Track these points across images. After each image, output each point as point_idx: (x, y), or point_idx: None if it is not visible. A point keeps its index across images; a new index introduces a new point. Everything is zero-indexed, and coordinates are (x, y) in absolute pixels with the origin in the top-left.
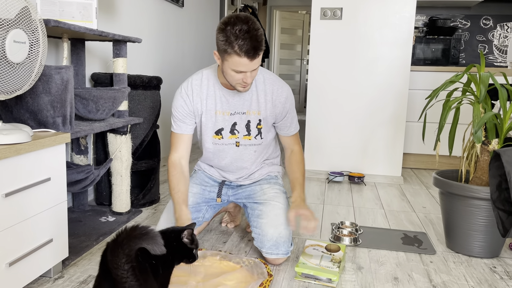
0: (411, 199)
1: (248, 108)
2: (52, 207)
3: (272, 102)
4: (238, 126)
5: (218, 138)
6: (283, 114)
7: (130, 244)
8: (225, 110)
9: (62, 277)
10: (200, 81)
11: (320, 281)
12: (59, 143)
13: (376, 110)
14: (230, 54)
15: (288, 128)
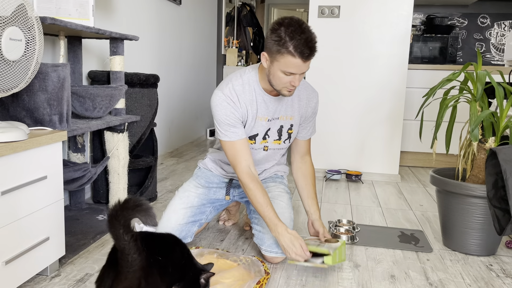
0: (408, 197)
1: (284, 113)
2: (48, 205)
3: (306, 108)
4: (271, 131)
5: (251, 143)
6: (309, 119)
7: (124, 214)
8: (263, 115)
9: (59, 276)
10: (242, 86)
11: (312, 263)
12: (56, 141)
13: (374, 108)
14: (283, 54)
15: (307, 131)
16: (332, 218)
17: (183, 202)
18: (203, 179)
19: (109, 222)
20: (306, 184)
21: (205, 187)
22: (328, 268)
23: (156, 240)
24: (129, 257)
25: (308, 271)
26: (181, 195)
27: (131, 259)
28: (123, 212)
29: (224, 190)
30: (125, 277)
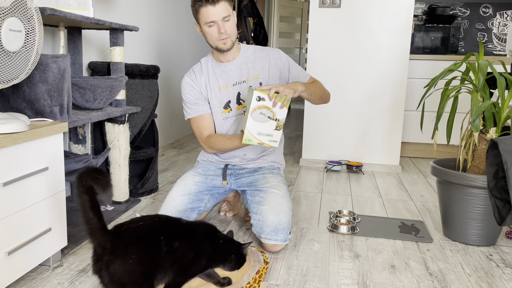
0: (409, 188)
1: (247, 75)
2: (50, 196)
3: (269, 63)
4: (242, 95)
5: (227, 112)
6: (285, 68)
7: (87, 179)
8: (227, 83)
9: (61, 266)
10: (199, 66)
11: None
12: (57, 132)
13: (375, 99)
14: (197, 11)
15: (298, 77)
16: (332, 209)
17: (180, 190)
18: (200, 168)
19: (77, 179)
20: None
21: (203, 175)
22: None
23: (190, 230)
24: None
25: (309, 261)
26: (179, 184)
27: (86, 218)
28: (88, 174)
29: (221, 177)
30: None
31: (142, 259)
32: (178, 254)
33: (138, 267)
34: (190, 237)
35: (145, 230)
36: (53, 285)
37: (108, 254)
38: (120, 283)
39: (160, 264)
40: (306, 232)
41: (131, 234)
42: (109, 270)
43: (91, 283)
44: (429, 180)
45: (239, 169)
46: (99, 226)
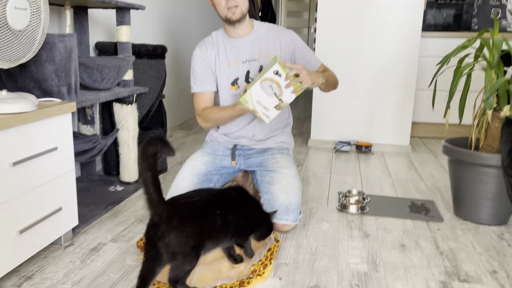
0: (419, 168)
1: (258, 53)
2: (60, 176)
3: (280, 44)
4: (252, 73)
5: (235, 89)
6: (298, 51)
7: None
8: (237, 59)
9: (72, 245)
10: (211, 39)
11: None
12: (65, 112)
13: (385, 78)
14: None
15: (311, 62)
16: (342, 189)
17: (189, 170)
18: (209, 149)
19: (140, 151)
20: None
21: (211, 155)
22: None
23: (230, 199)
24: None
25: (318, 240)
26: (187, 164)
27: (147, 192)
28: (149, 144)
29: (230, 157)
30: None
31: (194, 233)
32: (231, 225)
33: (189, 240)
34: (240, 209)
35: (200, 206)
36: (64, 264)
37: (165, 224)
38: (172, 252)
39: (214, 236)
40: (315, 212)
41: (187, 208)
42: (164, 240)
43: (102, 261)
44: (439, 160)
45: (248, 149)
46: (158, 198)
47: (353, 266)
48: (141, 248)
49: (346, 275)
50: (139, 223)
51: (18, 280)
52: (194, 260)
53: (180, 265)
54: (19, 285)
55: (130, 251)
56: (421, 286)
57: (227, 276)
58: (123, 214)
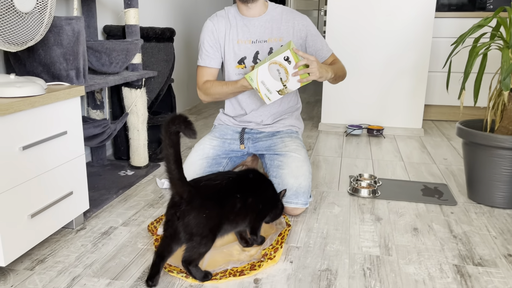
0: (432, 151)
1: (270, 35)
2: (70, 161)
3: (293, 28)
4: (261, 55)
5: (241, 68)
6: (310, 37)
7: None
8: (247, 38)
9: (84, 229)
10: (224, 13)
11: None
12: (74, 96)
13: (397, 60)
14: None
15: (322, 50)
16: (353, 173)
17: (198, 154)
18: (217, 133)
19: (163, 127)
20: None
21: (220, 139)
22: None
23: (249, 182)
24: (169, 166)
25: (329, 224)
26: (196, 148)
27: (169, 169)
28: (172, 122)
29: (238, 141)
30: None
31: (214, 215)
32: (251, 208)
33: (209, 221)
34: (258, 192)
35: (221, 188)
36: (76, 247)
37: (185, 204)
38: (190, 233)
39: (233, 219)
40: (326, 195)
41: (208, 190)
42: (184, 220)
43: (113, 245)
44: (453, 143)
45: (257, 133)
46: (179, 177)
47: (365, 249)
48: (152, 232)
49: (358, 259)
50: (150, 208)
51: (31, 263)
52: (210, 242)
53: (196, 246)
54: (32, 268)
55: (141, 235)
56: (434, 270)
57: (238, 259)
58: (133, 199)
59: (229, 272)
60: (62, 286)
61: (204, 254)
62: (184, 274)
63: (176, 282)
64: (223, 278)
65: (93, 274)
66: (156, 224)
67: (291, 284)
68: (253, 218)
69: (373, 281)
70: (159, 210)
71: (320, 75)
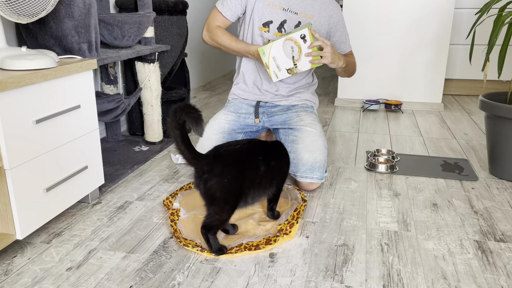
0: (452, 126)
1: (302, 9)
2: (84, 135)
3: (328, 12)
4: (287, 25)
5: (264, 31)
6: (338, 28)
7: (182, 113)
8: (279, 3)
9: (100, 203)
10: None
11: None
12: (86, 69)
13: (417, 32)
14: None
15: (344, 44)
16: (370, 148)
17: (214, 129)
18: (232, 107)
19: (171, 114)
20: None
21: (235, 113)
22: None
23: (276, 148)
24: (178, 147)
25: (346, 199)
26: (211, 123)
27: (180, 149)
28: (183, 109)
29: (253, 116)
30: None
31: (235, 180)
32: (274, 170)
33: (231, 186)
34: (278, 155)
35: (243, 153)
36: (92, 221)
37: (207, 173)
38: (212, 196)
39: (259, 182)
40: (343, 171)
41: (228, 156)
42: (206, 185)
43: (129, 219)
44: (473, 118)
45: (272, 106)
46: (192, 155)
47: (383, 225)
48: (167, 207)
49: (375, 234)
50: (165, 182)
51: (47, 236)
52: (231, 209)
53: (218, 212)
54: (49, 242)
55: (156, 209)
56: (454, 246)
57: (253, 233)
58: (148, 174)
59: (244, 246)
60: (79, 259)
61: (224, 222)
62: (200, 248)
63: (191, 256)
64: (238, 252)
65: (109, 247)
66: (171, 199)
67: (307, 258)
68: (280, 180)
69: (391, 256)
70: (174, 185)
71: (332, 61)
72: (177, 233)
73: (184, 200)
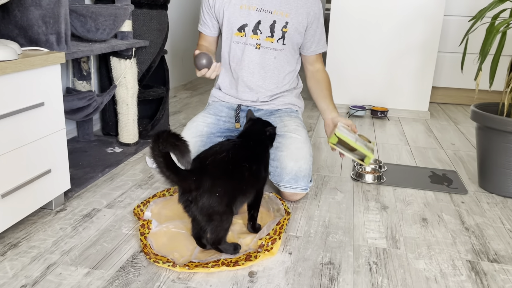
0: (439, 135)
1: (277, 7)
2: (48, 135)
3: (306, 9)
4: (262, 26)
5: (240, 36)
6: (314, 26)
7: (165, 145)
8: (251, 4)
9: (64, 210)
10: None
11: (353, 154)
12: (53, 63)
13: (405, 38)
14: None
15: (317, 44)
16: None
17: (191, 132)
18: (211, 110)
19: (153, 143)
20: (320, 88)
21: (214, 116)
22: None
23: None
24: (163, 173)
25: (331, 212)
26: (189, 126)
27: (164, 175)
28: (165, 143)
29: (233, 120)
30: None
31: (226, 191)
32: (256, 174)
33: (223, 199)
34: (261, 157)
35: (229, 161)
36: (54, 231)
37: (195, 190)
38: (207, 214)
39: (244, 189)
40: (328, 180)
41: (216, 167)
42: (198, 205)
43: (95, 229)
44: (460, 127)
45: (254, 111)
46: (178, 178)
47: (371, 241)
48: (137, 216)
49: (363, 251)
50: (138, 188)
51: (2, 248)
52: (230, 216)
53: (219, 225)
54: (3, 254)
55: (127, 219)
56: (446, 266)
57: None
58: (120, 178)
59: (222, 262)
60: (35, 274)
61: (228, 228)
62: (172, 263)
63: (162, 273)
64: (215, 267)
65: (71, 262)
66: (143, 208)
67: (289, 278)
68: (262, 184)
69: (380, 277)
70: (148, 191)
71: None
72: (146, 248)
73: (156, 209)
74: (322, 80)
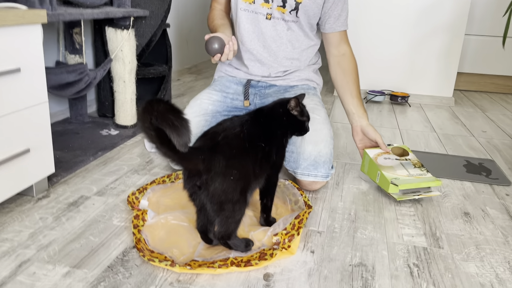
0: (467, 123)
1: None
2: (26, 109)
3: None
4: None
5: (249, 2)
6: (332, 2)
7: (160, 121)
8: None
9: (47, 197)
10: None
11: (420, 193)
12: (31, 22)
13: (429, 20)
14: None
15: (335, 20)
16: None
17: (194, 111)
18: (218, 86)
19: (143, 113)
20: (347, 81)
21: (221, 93)
22: None
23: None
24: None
25: (357, 203)
26: (192, 104)
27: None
28: (162, 115)
29: (242, 97)
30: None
31: (242, 173)
32: (275, 155)
33: (238, 184)
34: (272, 134)
35: (245, 139)
36: (33, 220)
37: (206, 173)
38: (219, 202)
39: (258, 173)
40: (350, 168)
41: (230, 145)
42: (208, 190)
43: (81, 219)
44: (488, 114)
45: (265, 87)
46: (179, 156)
47: (407, 238)
48: (131, 205)
49: (399, 251)
50: (133, 174)
51: None
52: (244, 206)
53: (230, 216)
54: None
55: (119, 208)
56: (503, 270)
57: None
58: (114, 163)
59: (231, 261)
60: (4, 273)
61: (240, 221)
62: (170, 262)
63: (158, 274)
64: (223, 268)
65: (48, 258)
66: (138, 195)
67: (314, 283)
68: (279, 166)
69: (424, 283)
70: (145, 177)
71: None
72: (140, 243)
73: (154, 197)
74: (349, 71)
